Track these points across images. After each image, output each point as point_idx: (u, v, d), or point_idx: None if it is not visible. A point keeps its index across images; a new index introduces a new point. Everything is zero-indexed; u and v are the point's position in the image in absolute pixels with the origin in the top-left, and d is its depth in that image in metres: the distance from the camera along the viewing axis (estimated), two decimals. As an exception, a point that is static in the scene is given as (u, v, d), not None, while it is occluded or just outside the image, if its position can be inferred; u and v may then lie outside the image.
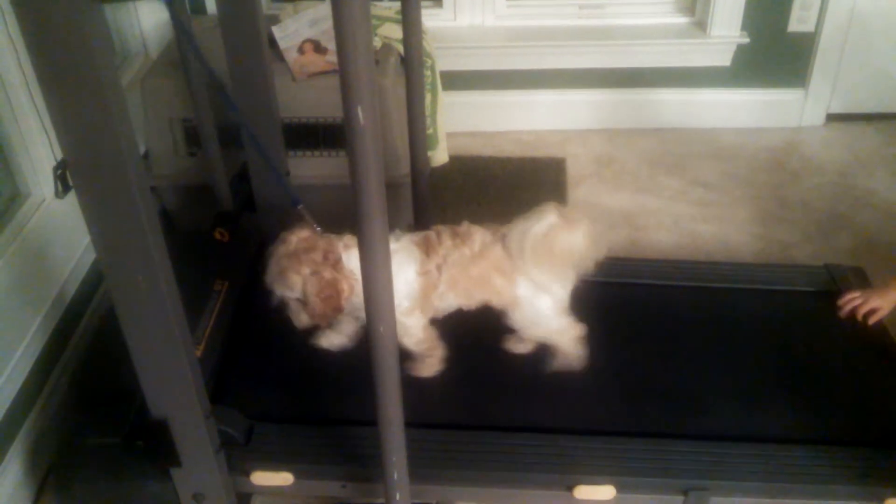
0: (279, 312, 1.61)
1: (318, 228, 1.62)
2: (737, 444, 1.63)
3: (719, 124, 3.20)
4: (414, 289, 1.63)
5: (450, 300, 1.68)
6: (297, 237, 1.59)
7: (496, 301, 1.68)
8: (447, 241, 1.64)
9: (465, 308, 1.70)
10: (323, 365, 1.81)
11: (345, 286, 1.56)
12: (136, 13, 2.69)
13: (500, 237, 1.64)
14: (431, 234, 1.67)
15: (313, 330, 1.73)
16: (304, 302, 1.57)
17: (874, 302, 1.90)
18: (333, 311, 1.58)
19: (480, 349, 1.81)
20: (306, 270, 1.54)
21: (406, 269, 1.61)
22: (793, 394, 1.74)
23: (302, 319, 1.61)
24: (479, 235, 1.64)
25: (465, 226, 1.67)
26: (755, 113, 3.19)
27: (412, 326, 1.67)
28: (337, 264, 1.56)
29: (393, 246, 1.61)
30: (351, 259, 1.57)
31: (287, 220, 2.17)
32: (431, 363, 1.75)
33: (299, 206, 1.66)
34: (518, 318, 1.69)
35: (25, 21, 0.98)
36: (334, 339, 1.81)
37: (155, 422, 1.44)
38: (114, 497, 1.63)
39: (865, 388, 1.75)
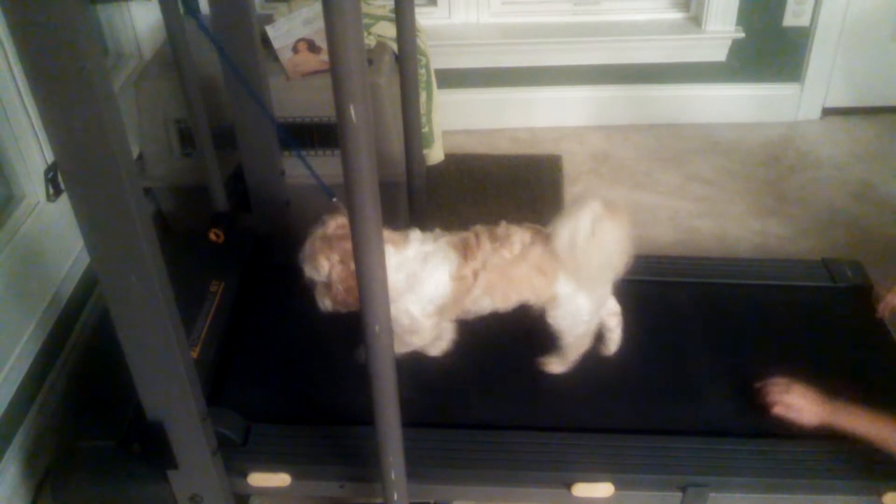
0: (308, 291, 1.59)
1: None
2: (735, 439, 1.63)
3: (715, 119, 3.19)
4: (443, 293, 1.60)
5: (484, 303, 1.65)
6: (336, 223, 1.56)
7: (534, 300, 1.66)
8: (486, 245, 1.60)
9: (500, 310, 1.67)
10: (319, 365, 1.81)
11: None
12: (129, 14, 2.68)
13: (542, 237, 1.61)
14: (471, 236, 1.62)
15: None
16: (328, 287, 1.55)
17: None
18: (355, 302, 1.53)
19: (477, 348, 1.80)
20: (336, 257, 1.53)
21: (439, 271, 1.58)
22: (791, 389, 1.74)
23: (326, 304, 1.59)
24: (518, 237, 1.61)
25: (503, 227, 1.63)
26: (751, 108, 3.18)
27: (426, 330, 1.65)
28: None
29: (429, 247, 1.60)
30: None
31: (282, 219, 2.17)
32: (440, 345, 1.76)
33: (334, 199, 1.66)
34: (558, 316, 1.66)
35: (15, 22, 0.97)
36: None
37: (151, 424, 1.44)
38: (111, 500, 1.62)
39: (863, 382, 1.75)
